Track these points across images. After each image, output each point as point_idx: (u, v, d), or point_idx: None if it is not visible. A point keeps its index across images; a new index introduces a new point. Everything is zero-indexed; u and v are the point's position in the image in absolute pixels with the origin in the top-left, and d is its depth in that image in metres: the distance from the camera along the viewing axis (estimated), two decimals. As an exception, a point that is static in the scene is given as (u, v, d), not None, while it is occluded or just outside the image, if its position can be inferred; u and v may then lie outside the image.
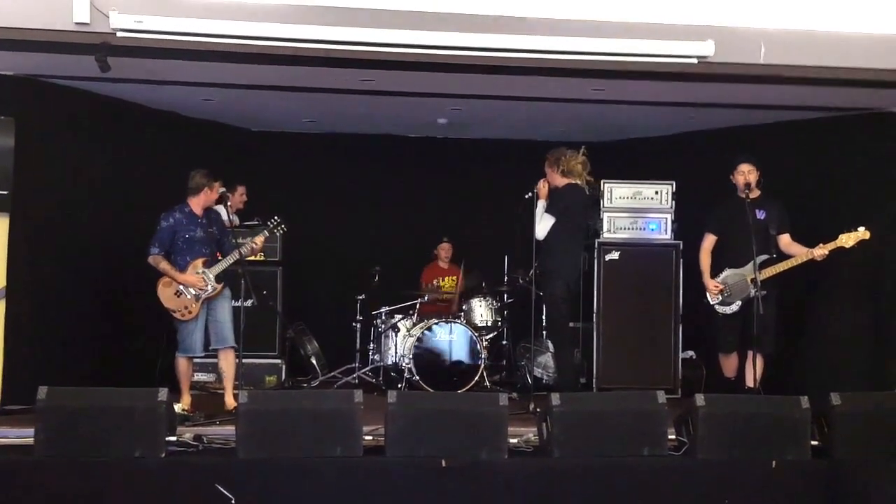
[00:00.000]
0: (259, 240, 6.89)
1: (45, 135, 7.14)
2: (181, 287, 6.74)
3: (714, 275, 7.10)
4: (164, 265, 6.74)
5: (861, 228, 6.69)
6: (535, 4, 6.42)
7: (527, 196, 7.37)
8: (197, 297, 6.76)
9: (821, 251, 6.74)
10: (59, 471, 5.20)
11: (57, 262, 7.20)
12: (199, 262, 6.80)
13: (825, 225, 7.01)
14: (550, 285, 7.20)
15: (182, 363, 6.90)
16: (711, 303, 7.09)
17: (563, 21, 6.42)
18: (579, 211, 7.33)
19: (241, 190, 8.20)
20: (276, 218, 7.01)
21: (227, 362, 6.94)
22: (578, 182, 7.25)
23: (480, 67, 6.59)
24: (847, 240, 6.69)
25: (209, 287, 6.76)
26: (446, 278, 9.12)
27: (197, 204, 6.88)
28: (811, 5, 6.63)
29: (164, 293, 6.78)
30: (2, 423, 6.19)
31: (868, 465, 5.62)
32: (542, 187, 7.25)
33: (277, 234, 7.12)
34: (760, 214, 6.96)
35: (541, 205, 7.25)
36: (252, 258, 7.24)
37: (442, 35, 6.25)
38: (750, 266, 6.78)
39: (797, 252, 6.86)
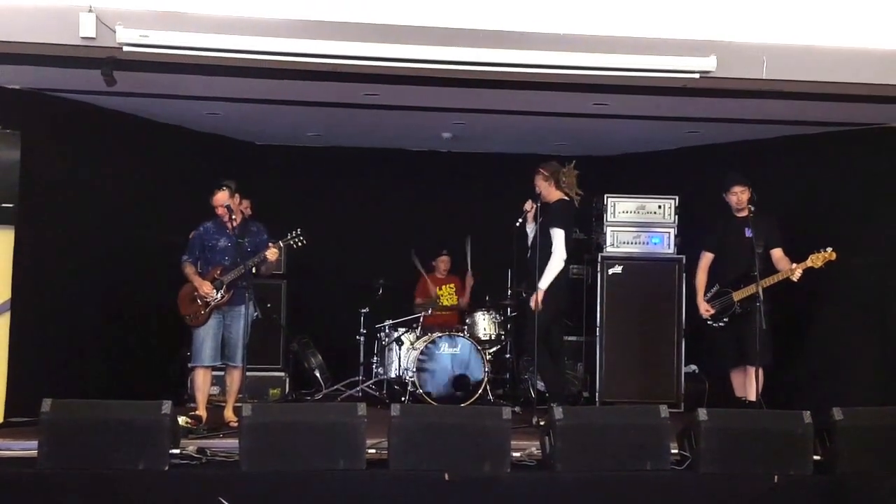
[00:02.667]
0: (272, 253, 6.85)
1: (51, 148, 7.18)
2: (196, 293, 6.83)
3: (707, 290, 7.23)
4: (188, 270, 6.91)
5: (828, 249, 6.77)
6: (538, 20, 6.45)
7: (517, 223, 7.40)
8: (206, 304, 6.81)
9: (797, 273, 6.84)
10: (63, 483, 5.21)
11: (62, 274, 7.23)
12: (216, 269, 6.86)
13: (826, 240, 7.01)
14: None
15: (197, 375, 7.00)
16: (703, 317, 7.22)
17: (565, 36, 6.44)
18: (572, 225, 7.36)
19: (245, 203, 8.21)
20: (297, 230, 6.91)
21: (231, 378, 7.01)
22: (569, 195, 7.25)
23: (484, 82, 6.61)
24: (816, 260, 6.79)
25: (217, 294, 6.80)
26: (444, 287, 9.14)
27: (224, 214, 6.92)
28: (813, 20, 6.64)
29: (183, 297, 6.91)
30: (6, 435, 6.21)
31: (870, 481, 5.62)
32: (531, 209, 7.24)
33: (295, 246, 6.94)
34: (749, 233, 7.04)
35: (530, 228, 7.26)
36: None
37: (445, 50, 6.27)
38: (734, 283, 6.96)
39: (783, 268, 6.95)
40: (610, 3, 6.53)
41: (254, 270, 6.94)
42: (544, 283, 7.07)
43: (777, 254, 7.07)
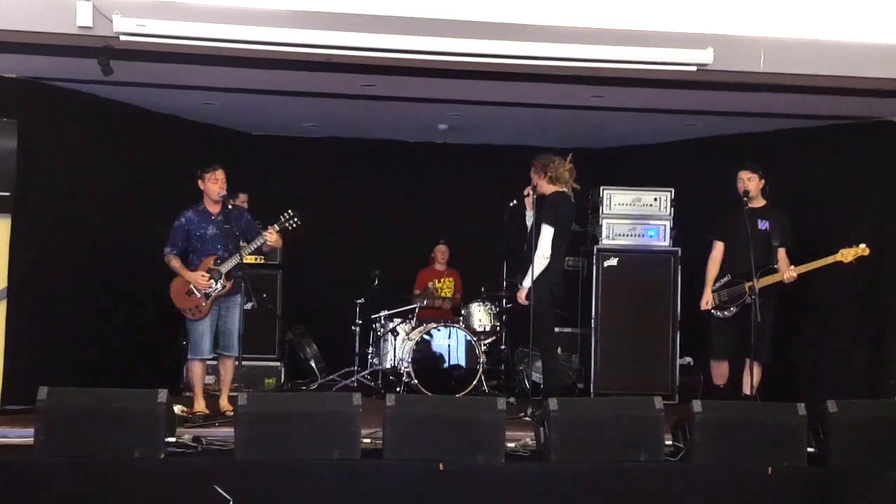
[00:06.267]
0: (271, 236, 6.77)
1: (48, 137, 7.17)
2: (192, 286, 6.75)
3: (717, 279, 7.13)
4: (174, 263, 6.78)
5: (861, 245, 6.71)
6: (536, 11, 6.44)
7: (511, 204, 7.37)
8: (207, 296, 6.76)
9: (790, 273, 6.81)
10: (59, 471, 5.23)
11: (58, 263, 7.22)
12: (210, 259, 6.79)
13: (823, 234, 7.03)
14: (535, 293, 7.00)
15: (196, 367, 6.92)
16: (706, 308, 7.13)
17: (563, 28, 6.44)
18: (568, 219, 7.21)
19: (242, 198, 8.17)
20: (289, 212, 6.84)
21: (226, 368, 6.99)
22: (565, 189, 7.15)
23: (481, 73, 6.61)
24: (847, 255, 6.72)
25: (217, 285, 6.76)
26: (443, 280, 9.15)
27: (208, 201, 6.87)
28: (811, 14, 6.65)
29: (176, 293, 6.79)
30: (2, 422, 6.22)
31: (863, 473, 5.64)
32: (530, 196, 7.15)
33: (290, 228, 6.86)
34: (763, 224, 6.99)
35: (529, 216, 7.22)
36: (253, 261, 7.19)
37: (442, 41, 6.27)
38: (748, 274, 6.80)
39: (782, 269, 6.89)
40: (607, -4, 6.55)
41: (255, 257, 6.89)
42: (527, 280, 6.99)
43: (781, 253, 6.98)
